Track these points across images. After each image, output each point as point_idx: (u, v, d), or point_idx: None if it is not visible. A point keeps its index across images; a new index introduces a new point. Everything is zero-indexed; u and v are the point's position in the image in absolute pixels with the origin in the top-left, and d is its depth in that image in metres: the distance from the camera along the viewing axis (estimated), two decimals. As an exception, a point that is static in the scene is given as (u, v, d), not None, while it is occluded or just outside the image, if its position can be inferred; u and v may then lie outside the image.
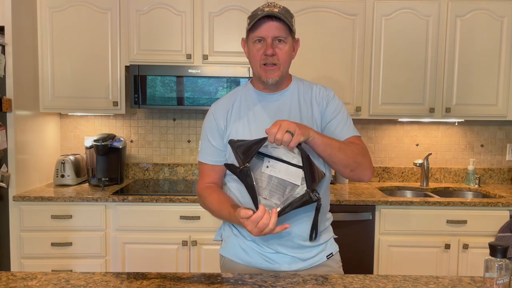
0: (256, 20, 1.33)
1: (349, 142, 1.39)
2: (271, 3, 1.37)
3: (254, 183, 1.22)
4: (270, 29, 1.33)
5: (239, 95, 1.47)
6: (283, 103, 1.43)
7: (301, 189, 1.24)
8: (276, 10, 1.33)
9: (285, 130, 1.17)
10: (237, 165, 1.27)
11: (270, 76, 1.36)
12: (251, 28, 1.35)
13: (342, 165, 1.33)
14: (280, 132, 1.16)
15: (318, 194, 1.22)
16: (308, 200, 1.22)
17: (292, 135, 1.17)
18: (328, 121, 1.42)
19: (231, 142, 1.29)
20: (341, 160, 1.31)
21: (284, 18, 1.32)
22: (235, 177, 1.34)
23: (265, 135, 1.22)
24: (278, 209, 1.20)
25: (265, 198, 1.25)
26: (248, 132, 1.39)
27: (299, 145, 1.21)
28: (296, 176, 1.24)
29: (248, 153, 1.23)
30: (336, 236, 1.53)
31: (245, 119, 1.41)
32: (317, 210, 1.27)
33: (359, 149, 1.37)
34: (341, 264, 1.51)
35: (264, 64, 1.36)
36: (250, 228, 1.17)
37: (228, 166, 1.30)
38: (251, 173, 1.21)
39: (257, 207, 1.20)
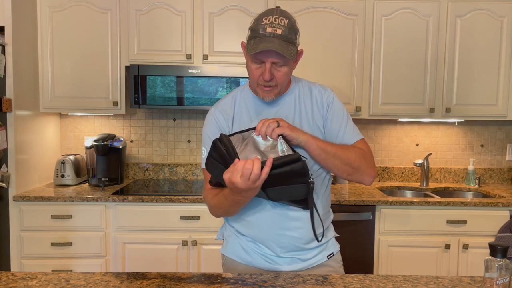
0: (256, 49, 1.26)
1: (350, 147, 1.38)
2: (275, 20, 1.27)
3: (234, 145, 1.20)
4: (269, 56, 1.27)
5: (237, 99, 1.44)
6: (283, 107, 1.41)
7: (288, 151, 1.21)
8: (279, 31, 1.25)
9: (272, 122, 1.22)
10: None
11: (267, 96, 1.35)
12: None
13: (337, 170, 1.34)
14: (267, 123, 1.21)
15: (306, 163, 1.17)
16: (297, 160, 1.14)
17: (278, 125, 1.22)
18: (329, 126, 1.41)
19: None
20: (336, 165, 1.33)
21: (284, 51, 1.24)
22: None
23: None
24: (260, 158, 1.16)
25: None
26: None
27: (288, 144, 1.22)
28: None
29: (231, 133, 1.28)
30: (338, 235, 1.53)
31: (244, 125, 1.39)
32: (310, 191, 1.21)
33: (358, 154, 1.36)
34: (342, 264, 1.51)
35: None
36: (236, 180, 1.11)
37: (209, 155, 1.23)
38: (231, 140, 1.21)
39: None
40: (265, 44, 1.24)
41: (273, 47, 1.24)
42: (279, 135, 1.23)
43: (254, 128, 1.27)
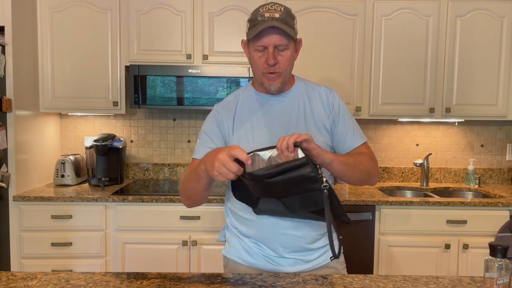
0: (257, 31, 1.29)
1: (360, 154, 1.40)
2: (271, 6, 1.31)
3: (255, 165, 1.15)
4: (271, 38, 1.29)
5: (240, 99, 1.45)
6: (286, 105, 1.41)
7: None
8: (277, 14, 1.29)
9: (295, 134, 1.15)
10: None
11: (273, 83, 1.35)
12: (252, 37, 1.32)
13: (356, 179, 1.37)
14: (287, 137, 1.14)
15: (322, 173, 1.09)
16: (303, 164, 1.05)
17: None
18: (337, 128, 1.42)
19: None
20: (356, 175, 1.35)
21: (285, 28, 1.28)
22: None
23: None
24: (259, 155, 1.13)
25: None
26: (251, 137, 1.38)
27: (306, 155, 1.12)
28: None
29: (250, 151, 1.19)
30: (341, 237, 1.52)
31: (248, 124, 1.39)
32: (329, 198, 1.12)
33: (368, 159, 1.39)
34: (345, 266, 1.51)
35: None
36: (225, 151, 1.08)
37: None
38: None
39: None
40: (266, 24, 1.27)
41: (274, 24, 1.27)
42: (295, 144, 1.15)
43: (272, 147, 1.20)
